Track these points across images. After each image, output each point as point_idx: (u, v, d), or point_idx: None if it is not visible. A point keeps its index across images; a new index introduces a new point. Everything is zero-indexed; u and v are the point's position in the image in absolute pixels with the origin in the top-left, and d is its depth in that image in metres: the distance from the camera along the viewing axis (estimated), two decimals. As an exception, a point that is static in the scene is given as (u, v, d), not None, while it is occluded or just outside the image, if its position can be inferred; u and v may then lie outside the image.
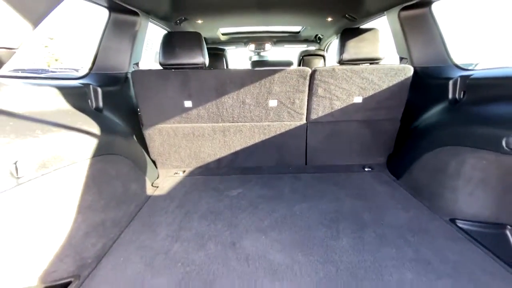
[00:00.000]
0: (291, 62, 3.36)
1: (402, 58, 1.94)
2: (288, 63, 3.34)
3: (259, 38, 3.60)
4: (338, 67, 1.70)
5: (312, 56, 3.31)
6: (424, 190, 1.51)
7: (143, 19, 1.88)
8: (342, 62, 1.77)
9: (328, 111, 1.81)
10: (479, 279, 0.95)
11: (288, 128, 1.88)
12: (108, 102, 1.60)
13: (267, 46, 3.72)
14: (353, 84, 1.72)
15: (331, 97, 1.76)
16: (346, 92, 1.75)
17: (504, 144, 1.08)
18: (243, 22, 2.82)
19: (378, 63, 1.78)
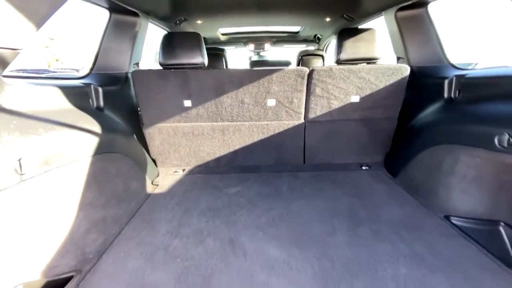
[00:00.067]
0: (289, 62, 3.39)
1: (399, 58, 1.97)
2: (286, 63, 3.37)
3: (258, 38, 3.62)
4: (336, 67, 1.72)
5: (311, 56, 3.33)
6: (420, 187, 1.53)
7: (143, 20, 1.91)
8: (339, 62, 1.80)
9: (326, 110, 1.83)
10: (472, 273, 0.97)
11: (286, 127, 1.90)
12: (109, 102, 1.62)
13: (267, 46, 3.74)
14: (350, 84, 1.75)
15: (329, 96, 1.78)
16: (344, 92, 1.77)
17: (496, 142, 1.10)
18: (242, 22, 2.84)
19: (375, 62, 1.80)
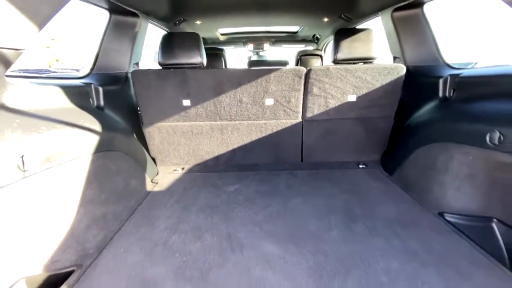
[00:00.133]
0: (286, 62, 3.42)
1: (396, 58, 1.99)
2: (284, 63, 3.40)
3: (257, 38, 3.65)
4: (333, 66, 1.74)
5: (309, 56, 3.36)
6: (415, 185, 1.55)
7: (143, 20, 1.93)
8: (336, 62, 1.82)
9: (323, 109, 1.85)
10: (463, 267, 0.99)
11: (284, 126, 1.93)
12: (109, 101, 1.65)
13: (266, 46, 3.76)
14: (347, 83, 1.77)
15: (326, 95, 1.80)
16: (341, 91, 1.79)
17: (488, 139, 1.12)
18: (241, 22, 2.87)
19: (372, 62, 1.83)
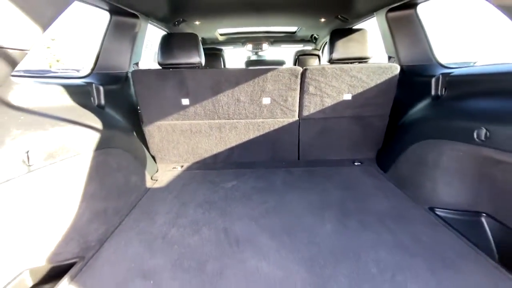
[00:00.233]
0: (283, 62, 3.47)
1: (390, 57, 2.03)
2: (281, 63, 3.45)
3: (256, 38, 3.69)
4: (328, 66, 1.78)
5: (307, 55, 3.40)
6: (408, 181, 1.59)
7: (143, 21, 1.97)
8: (332, 61, 1.86)
9: (319, 108, 1.89)
10: (450, 259, 1.03)
11: (281, 125, 1.97)
12: (110, 100, 1.69)
13: (264, 46, 3.80)
14: (342, 82, 1.81)
15: (322, 94, 1.84)
16: (336, 90, 1.83)
17: (475, 136, 1.16)
18: (239, 23, 2.91)
19: (367, 62, 1.87)
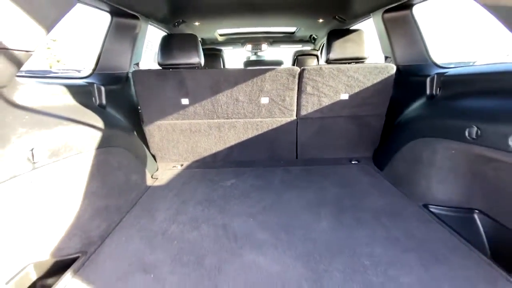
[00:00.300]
0: (281, 62, 3.50)
1: (387, 57, 2.06)
2: (279, 63, 3.48)
3: (255, 39, 3.71)
4: (325, 66, 1.81)
5: (306, 55, 3.43)
6: (403, 179, 1.62)
7: (143, 23, 2.01)
8: (329, 61, 1.89)
9: (316, 108, 1.92)
10: (441, 253, 1.06)
11: (279, 124, 2.00)
12: (111, 100, 1.72)
13: (264, 47, 3.83)
14: (339, 82, 1.84)
15: (319, 94, 1.87)
16: (333, 90, 1.86)
17: (467, 134, 1.19)
18: (239, 23, 2.94)
19: (363, 62, 1.90)
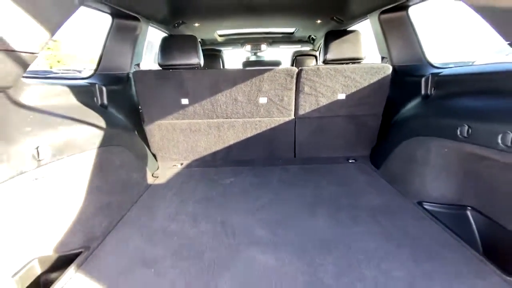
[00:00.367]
0: (279, 62, 3.54)
1: (383, 58, 2.09)
2: (277, 63, 3.52)
3: (254, 39, 3.74)
4: (323, 66, 1.85)
5: (304, 56, 3.46)
6: (398, 177, 1.66)
7: (144, 24, 2.04)
8: (326, 62, 1.93)
9: (314, 107, 1.96)
10: (433, 248, 1.10)
11: (277, 124, 2.03)
12: (112, 100, 1.76)
13: (263, 47, 3.86)
14: (336, 82, 1.87)
15: (317, 94, 1.91)
16: (331, 90, 1.89)
17: (458, 132, 1.23)
18: (238, 24, 2.98)
19: (360, 62, 1.93)
